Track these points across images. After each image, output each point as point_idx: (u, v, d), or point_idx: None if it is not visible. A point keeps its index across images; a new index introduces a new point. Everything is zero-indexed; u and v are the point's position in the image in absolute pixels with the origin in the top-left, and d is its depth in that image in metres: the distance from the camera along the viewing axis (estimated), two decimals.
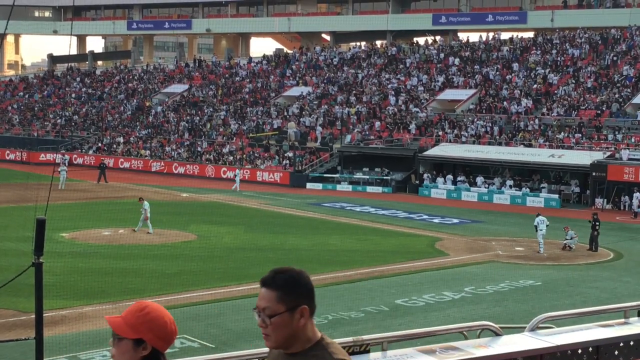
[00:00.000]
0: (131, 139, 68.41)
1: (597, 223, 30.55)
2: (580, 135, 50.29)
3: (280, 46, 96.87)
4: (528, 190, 48.25)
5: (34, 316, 10.53)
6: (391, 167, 53.46)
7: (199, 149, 63.33)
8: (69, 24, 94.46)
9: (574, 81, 57.47)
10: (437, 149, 52.94)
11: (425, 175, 52.45)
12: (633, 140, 48.44)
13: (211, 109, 70.17)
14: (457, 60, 65.93)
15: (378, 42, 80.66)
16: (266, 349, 5.24)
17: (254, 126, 64.77)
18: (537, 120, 53.36)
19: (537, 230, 30.19)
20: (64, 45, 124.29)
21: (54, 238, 27.53)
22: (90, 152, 67.97)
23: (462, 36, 75.59)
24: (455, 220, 39.16)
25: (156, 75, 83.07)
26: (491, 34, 70.74)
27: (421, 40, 76.52)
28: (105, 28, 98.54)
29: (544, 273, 26.13)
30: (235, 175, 52.29)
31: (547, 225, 30.07)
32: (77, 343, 16.90)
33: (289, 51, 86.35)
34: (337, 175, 54.99)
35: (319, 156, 57.59)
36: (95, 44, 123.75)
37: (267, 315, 3.22)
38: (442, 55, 68.12)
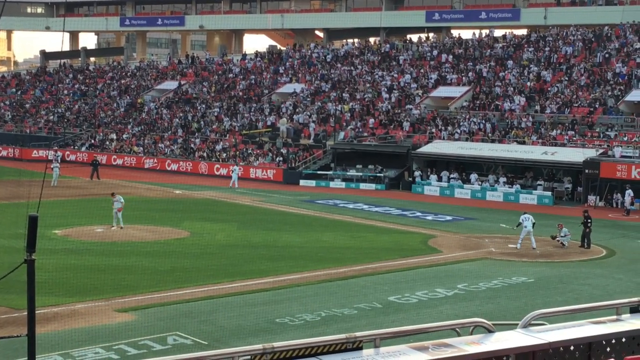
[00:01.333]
0: (124, 135, 68.26)
1: (589, 220, 30.61)
2: (573, 132, 50.40)
3: (273, 43, 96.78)
4: (521, 187, 48.31)
5: (26, 313, 10.49)
6: (384, 164, 53.48)
7: (192, 145, 63.25)
8: (62, 20, 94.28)
9: (567, 78, 57.57)
10: (430, 146, 52.98)
11: (416, 173, 52.39)
12: (626, 137, 48.56)
13: (204, 106, 70.07)
14: (450, 58, 65.96)
15: (371, 39, 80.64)
16: (259, 346, 5.22)
17: (247, 123, 64.70)
18: (530, 118, 53.45)
19: (522, 227, 30.10)
20: (57, 41, 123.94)
21: (46, 235, 27.46)
22: (83, 148, 67.80)
23: (455, 33, 75.65)
24: (449, 218, 39.21)
25: (149, 72, 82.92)
26: (484, 31, 70.80)
27: (414, 37, 76.53)
28: (98, 24, 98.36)
29: (537, 270, 26.18)
30: (232, 172, 52.14)
31: (533, 223, 30.00)
32: (70, 340, 16.87)
33: (282, 48, 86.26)
34: (330, 172, 54.98)
35: (313, 153, 57.57)
36: (88, 41, 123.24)
37: None
38: (435, 52, 68.15)
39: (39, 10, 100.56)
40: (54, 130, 72.71)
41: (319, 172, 55.38)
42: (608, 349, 5.34)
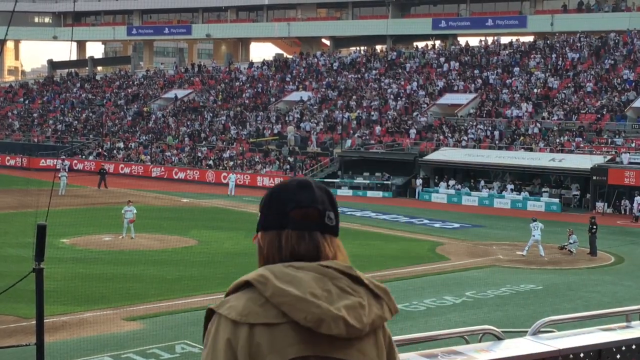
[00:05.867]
0: (131, 144, 68.42)
1: (594, 227, 30.37)
2: (580, 139, 50.30)
3: (280, 51, 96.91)
4: (528, 194, 48.20)
5: (34, 322, 10.51)
6: (391, 172, 53.43)
7: (199, 154, 63.35)
8: (69, 29, 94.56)
9: (574, 85, 57.49)
10: (437, 154, 52.93)
11: (417, 181, 51.97)
12: (634, 144, 48.43)
13: (211, 114, 70.20)
14: (457, 65, 65.96)
15: (378, 47, 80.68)
16: None
17: (254, 131, 64.78)
18: (537, 125, 53.37)
19: (530, 235, 30.02)
20: (64, 51, 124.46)
21: (54, 244, 27.49)
22: (91, 157, 67.98)
23: (462, 40, 75.65)
24: (456, 225, 39.14)
25: (156, 80, 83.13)
26: (491, 38, 70.79)
27: (421, 45, 76.57)
28: (105, 34, 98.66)
29: (545, 277, 26.10)
30: (229, 180, 52.38)
31: (541, 230, 29.91)
32: (78, 349, 16.89)
33: (288, 56, 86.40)
34: (337, 180, 54.95)
35: (320, 161, 57.57)
36: (95, 50, 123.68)
37: None
38: (441, 59, 68.16)
39: (47, 20, 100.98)
40: (62, 139, 72.93)
41: (326, 179, 55.31)
42: (618, 356, 5.32)
